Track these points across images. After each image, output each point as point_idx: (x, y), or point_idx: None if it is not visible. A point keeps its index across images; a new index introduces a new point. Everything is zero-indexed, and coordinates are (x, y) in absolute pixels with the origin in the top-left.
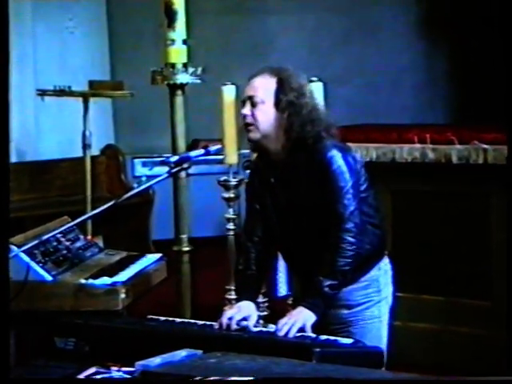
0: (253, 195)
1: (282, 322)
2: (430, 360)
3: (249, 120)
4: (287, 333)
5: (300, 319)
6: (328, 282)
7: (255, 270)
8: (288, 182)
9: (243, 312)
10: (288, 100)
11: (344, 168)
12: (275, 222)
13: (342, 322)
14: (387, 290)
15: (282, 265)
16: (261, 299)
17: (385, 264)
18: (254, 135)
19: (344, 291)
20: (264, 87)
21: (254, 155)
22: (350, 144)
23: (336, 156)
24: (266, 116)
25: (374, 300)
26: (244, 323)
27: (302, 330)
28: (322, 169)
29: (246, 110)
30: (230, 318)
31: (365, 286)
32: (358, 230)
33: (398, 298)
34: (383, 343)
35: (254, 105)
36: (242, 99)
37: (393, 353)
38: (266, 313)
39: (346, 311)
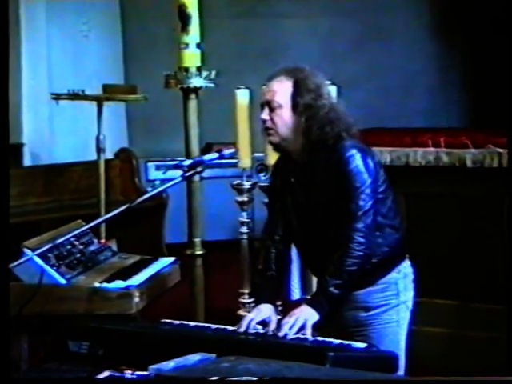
0: (274, 195)
1: (284, 320)
2: (444, 364)
3: (268, 124)
4: (289, 330)
5: (301, 317)
6: (333, 282)
7: (275, 270)
8: (307, 181)
9: (262, 314)
10: (305, 103)
11: (362, 168)
12: (295, 222)
13: (360, 325)
14: (407, 293)
15: (295, 268)
16: None
17: (405, 267)
18: (274, 139)
19: (362, 293)
20: (281, 91)
21: (270, 158)
22: None
23: (355, 155)
24: (284, 120)
25: (392, 303)
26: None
27: (302, 328)
28: (340, 168)
29: (265, 115)
30: (251, 321)
31: (383, 289)
32: (368, 231)
33: None
34: (401, 348)
35: (272, 109)
36: (261, 103)
37: (409, 357)
38: (279, 317)
39: (363, 313)
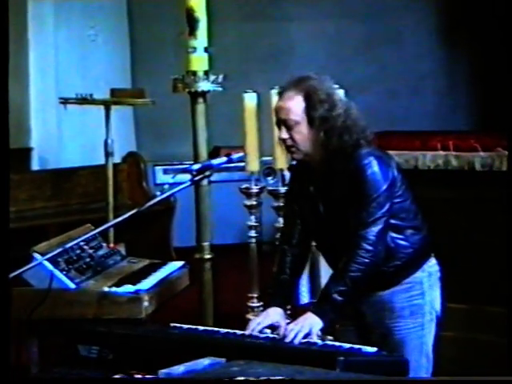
0: (292, 199)
1: (289, 327)
2: (453, 368)
3: (289, 143)
4: (294, 338)
5: (306, 325)
6: (337, 288)
7: (288, 274)
8: (326, 191)
9: (270, 318)
10: (320, 116)
11: (377, 176)
12: (313, 228)
13: (384, 328)
14: (432, 292)
15: (304, 272)
16: None
17: (429, 266)
18: (298, 156)
19: (387, 293)
20: (294, 108)
21: (279, 162)
22: None
23: (371, 162)
24: (303, 136)
25: (418, 304)
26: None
27: (308, 335)
28: (356, 175)
29: (284, 134)
30: (258, 324)
31: (408, 288)
32: (377, 239)
33: None
34: (424, 352)
35: (289, 127)
36: (276, 121)
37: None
38: (288, 321)
39: (388, 315)
